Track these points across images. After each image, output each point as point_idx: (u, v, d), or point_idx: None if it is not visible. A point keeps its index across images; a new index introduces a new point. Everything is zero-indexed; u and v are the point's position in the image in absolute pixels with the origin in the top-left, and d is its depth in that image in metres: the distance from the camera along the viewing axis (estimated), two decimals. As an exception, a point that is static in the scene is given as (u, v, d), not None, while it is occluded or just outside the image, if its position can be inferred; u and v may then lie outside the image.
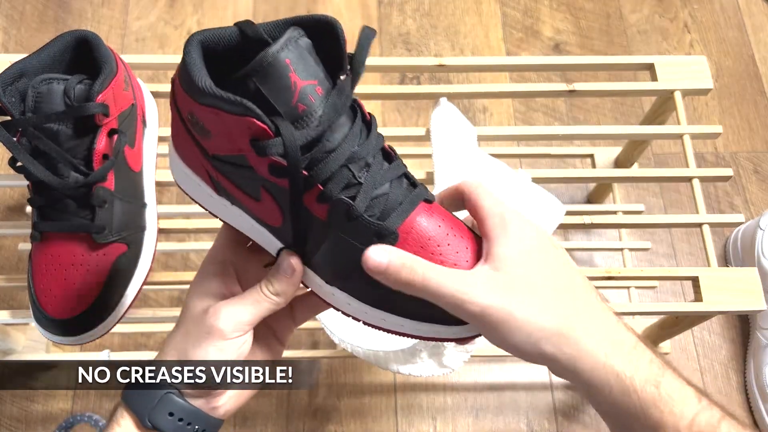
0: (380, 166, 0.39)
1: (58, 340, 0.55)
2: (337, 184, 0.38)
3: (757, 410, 0.88)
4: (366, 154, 0.39)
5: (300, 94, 0.36)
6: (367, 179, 0.39)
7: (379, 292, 0.40)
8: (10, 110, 0.49)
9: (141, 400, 0.41)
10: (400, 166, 0.40)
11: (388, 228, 0.39)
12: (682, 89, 0.71)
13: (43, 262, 0.54)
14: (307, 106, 0.36)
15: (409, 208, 0.40)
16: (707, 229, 0.65)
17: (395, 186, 0.40)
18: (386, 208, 0.39)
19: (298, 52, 0.36)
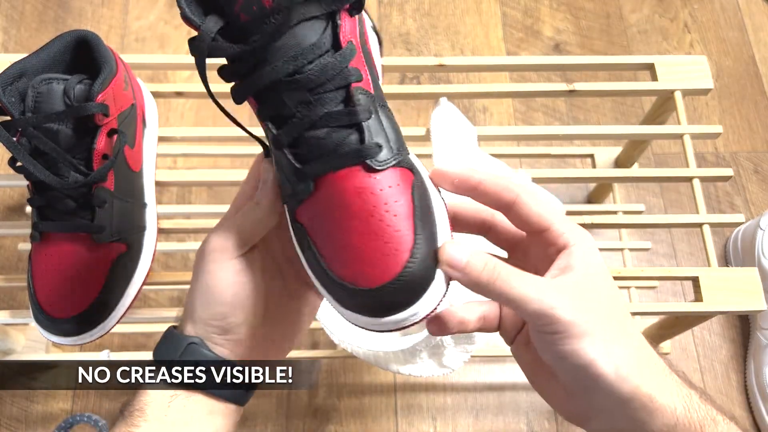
0: (326, 106, 0.35)
1: (58, 340, 0.55)
2: (267, 109, 0.36)
3: (757, 410, 0.88)
4: (308, 86, 0.35)
5: (244, 1, 0.33)
6: (302, 113, 0.35)
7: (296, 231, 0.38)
8: (10, 110, 0.49)
9: (166, 352, 0.40)
10: (355, 113, 0.35)
11: (304, 172, 0.36)
12: (683, 89, 0.71)
13: (43, 262, 0.54)
14: (250, 18, 0.34)
15: (337, 163, 0.35)
16: (707, 229, 0.65)
17: (336, 134, 0.35)
18: (313, 152, 0.35)
19: None
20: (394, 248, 0.34)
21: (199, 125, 1.05)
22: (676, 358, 0.93)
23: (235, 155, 0.74)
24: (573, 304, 0.34)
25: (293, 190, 0.37)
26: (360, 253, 0.35)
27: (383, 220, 0.35)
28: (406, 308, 0.34)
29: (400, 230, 0.35)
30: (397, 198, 0.35)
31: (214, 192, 1.01)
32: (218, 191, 1.01)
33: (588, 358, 0.34)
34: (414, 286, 0.34)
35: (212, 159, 0.99)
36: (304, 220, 0.37)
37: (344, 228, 0.35)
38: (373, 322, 0.35)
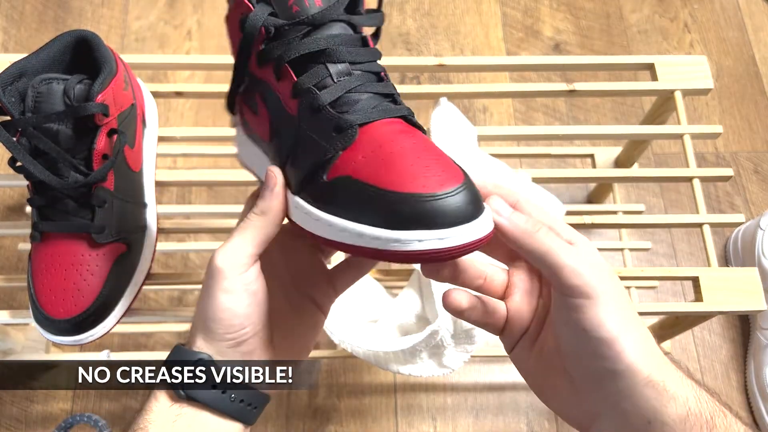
0: (364, 78, 0.39)
1: (58, 340, 0.55)
2: (309, 78, 0.39)
3: (757, 410, 0.88)
4: (349, 59, 0.39)
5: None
6: (342, 82, 0.39)
7: (325, 189, 0.38)
8: (10, 110, 0.49)
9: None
10: (389, 86, 0.40)
11: (348, 121, 0.37)
12: (683, 89, 0.71)
13: (43, 262, 0.54)
14: (300, 9, 0.38)
15: (380, 115, 0.38)
16: (707, 229, 0.65)
17: (375, 98, 0.39)
18: (355, 108, 0.38)
19: None
20: (451, 168, 0.36)
21: (199, 125, 1.05)
22: (676, 358, 0.92)
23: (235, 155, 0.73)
24: (601, 276, 0.35)
25: (329, 147, 0.38)
26: (423, 171, 0.35)
27: (434, 152, 0.37)
28: (469, 221, 0.34)
29: (450, 161, 0.37)
30: (436, 147, 0.38)
31: (214, 192, 1.01)
32: (218, 191, 1.01)
33: (613, 332, 0.35)
34: (475, 196, 0.35)
35: (212, 159, 0.99)
36: (345, 169, 0.37)
37: (402, 156, 0.36)
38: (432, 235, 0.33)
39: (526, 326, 0.41)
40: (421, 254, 0.33)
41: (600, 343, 0.35)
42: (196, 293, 0.94)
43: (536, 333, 0.40)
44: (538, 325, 0.40)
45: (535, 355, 0.40)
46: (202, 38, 1.13)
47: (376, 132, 0.37)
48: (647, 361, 0.35)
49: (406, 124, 0.39)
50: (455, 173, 0.35)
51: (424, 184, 0.34)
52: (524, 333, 0.41)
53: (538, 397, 0.41)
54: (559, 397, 0.39)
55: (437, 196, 0.33)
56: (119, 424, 0.87)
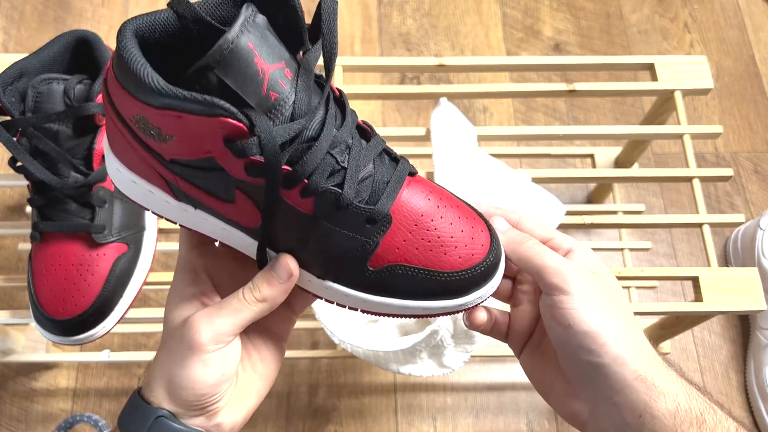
0: (360, 146, 0.37)
1: (58, 340, 0.55)
2: (321, 175, 0.35)
3: (757, 410, 0.88)
4: (346, 136, 0.36)
5: (270, 80, 0.32)
6: (350, 163, 0.36)
7: (374, 278, 0.38)
8: (10, 110, 0.49)
9: (132, 422, 0.38)
10: (379, 142, 0.38)
11: (380, 212, 0.37)
12: (683, 89, 0.71)
13: (43, 262, 0.54)
14: (279, 94, 0.33)
15: (397, 186, 0.38)
16: (707, 229, 0.65)
17: (378, 164, 0.38)
18: (374, 190, 0.37)
19: (258, 32, 0.32)
20: (474, 219, 0.40)
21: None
22: (676, 358, 0.93)
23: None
24: (585, 277, 0.38)
25: (368, 238, 0.38)
26: (461, 237, 0.39)
27: (461, 206, 0.40)
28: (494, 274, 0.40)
29: (477, 214, 0.41)
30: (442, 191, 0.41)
31: (214, 192, 1.01)
32: (218, 191, 1.01)
33: (594, 326, 0.37)
34: (497, 253, 0.40)
35: (212, 159, 0.99)
36: (390, 256, 0.38)
37: (440, 227, 0.39)
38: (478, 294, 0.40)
39: (529, 332, 0.43)
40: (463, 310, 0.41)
41: (584, 336, 0.37)
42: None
43: (540, 338, 0.42)
44: (541, 330, 0.42)
45: (538, 358, 0.42)
46: (202, 38, 1.13)
47: (405, 209, 0.38)
48: (635, 355, 0.37)
49: (414, 180, 0.39)
50: (481, 234, 0.39)
51: (465, 260, 0.39)
52: (528, 339, 0.43)
53: (544, 399, 0.42)
54: (557, 395, 0.41)
55: (475, 269, 0.39)
56: (119, 424, 0.87)
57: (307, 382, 0.90)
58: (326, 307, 0.63)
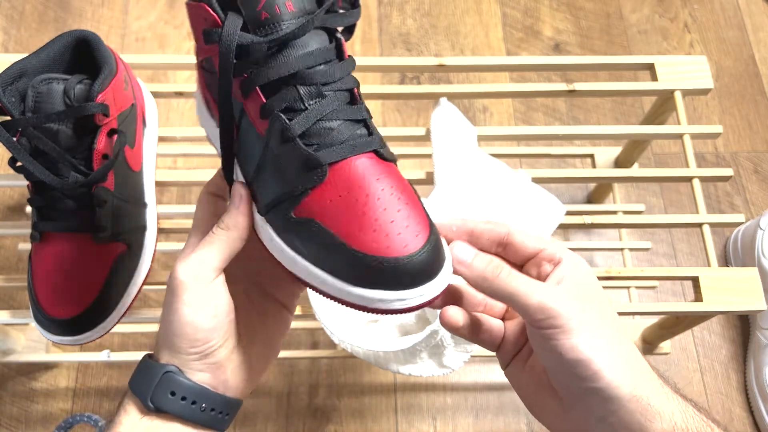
0: (336, 102, 0.37)
1: (58, 340, 0.55)
2: (279, 101, 0.37)
3: (757, 410, 0.88)
4: (322, 81, 0.37)
5: (266, 1, 0.35)
6: (313, 107, 0.37)
7: (292, 226, 0.37)
8: (10, 110, 0.49)
9: (141, 382, 0.39)
10: (361, 110, 0.38)
11: (317, 160, 0.37)
12: (682, 89, 0.71)
13: (43, 262, 0.54)
14: (270, 16, 0.36)
15: (349, 150, 0.37)
16: (707, 229, 0.65)
17: (347, 126, 0.38)
18: (325, 142, 0.37)
19: None
20: (417, 222, 0.36)
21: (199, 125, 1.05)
22: (676, 358, 0.93)
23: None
24: (572, 303, 0.36)
25: (298, 183, 0.37)
26: (388, 227, 0.36)
27: (401, 199, 0.37)
28: (429, 279, 0.36)
29: (418, 208, 0.37)
30: (406, 186, 0.38)
31: (214, 192, 1.01)
32: (218, 191, 1.01)
33: (585, 354, 0.35)
34: (434, 259, 0.36)
35: (212, 159, 0.98)
36: (312, 211, 0.37)
37: (368, 206, 0.36)
38: (393, 296, 0.35)
39: (520, 346, 0.42)
40: (383, 311, 0.36)
41: (577, 364, 0.36)
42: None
43: (528, 353, 0.42)
44: (530, 345, 0.41)
45: (527, 373, 0.41)
46: (202, 38, 1.13)
47: (346, 172, 0.37)
48: (629, 377, 0.36)
49: (378, 160, 0.38)
50: (420, 228, 0.36)
51: (388, 245, 0.35)
52: (518, 352, 0.42)
53: (530, 413, 0.42)
54: (549, 413, 0.40)
55: (400, 261, 0.35)
56: (119, 424, 0.87)
57: (307, 382, 0.90)
58: (326, 307, 0.63)
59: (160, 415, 0.39)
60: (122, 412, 0.40)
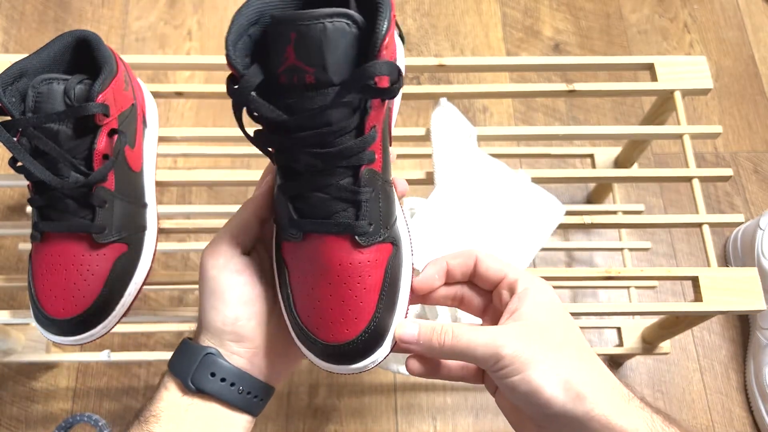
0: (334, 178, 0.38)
1: (59, 340, 0.55)
2: (282, 158, 0.39)
3: (756, 410, 0.88)
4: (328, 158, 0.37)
5: (287, 68, 0.35)
6: (309, 178, 0.38)
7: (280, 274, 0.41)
8: (11, 110, 0.49)
9: (182, 362, 0.41)
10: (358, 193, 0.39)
11: (297, 224, 0.39)
12: (682, 89, 0.71)
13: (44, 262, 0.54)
14: (287, 83, 0.35)
15: (330, 229, 0.39)
16: (707, 229, 0.65)
17: (336, 203, 0.39)
18: (311, 212, 0.39)
19: (315, 33, 0.34)
20: (354, 317, 0.39)
21: (199, 125, 1.06)
22: (676, 358, 0.93)
23: (235, 155, 0.74)
24: (518, 340, 0.38)
25: (284, 230, 0.40)
26: (326, 312, 0.39)
27: (353, 290, 0.39)
28: (355, 361, 0.40)
29: (364, 302, 0.39)
30: (371, 272, 0.40)
31: (214, 192, 1.01)
32: (218, 191, 1.01)
33: (534, 384, 0.37)
34: (365, 348, 0.39)
35: (212, 159, 0.99)
36: (287, 257, 0.41)
37: (318, 286, 0.40)
38: (327, 366, 0.40)
39: None
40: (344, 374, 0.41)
41: (529, 395, 0.37)
42: (197, 293, 0.94)
43: None
44: None
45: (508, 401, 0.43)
46: (202, 38, 1.13)
47: (316, 246, 0.39)
48: (588, 395, 0.37)
49: (351, 246, 0.39)
50: (354, 327, 0.39)
51: (323, 331, 0.39)
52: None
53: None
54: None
55: (328, 345, 0.39)
56: (119, 424, 0.87)
57: (307, 382, 0.90)
58: None
59: (200, 394, 0.41)
60: (162, 390, 0.42)
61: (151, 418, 0.40)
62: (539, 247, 0.65)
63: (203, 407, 0.41)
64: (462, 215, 0.63)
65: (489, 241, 0.63)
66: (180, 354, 0.42)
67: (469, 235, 0.63)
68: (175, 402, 0.41)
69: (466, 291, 0.44)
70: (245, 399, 0.42)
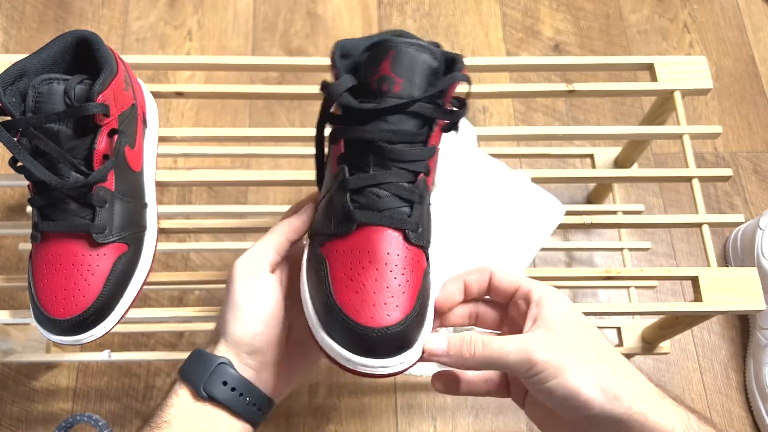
0: (395, 177, 0.42)
1: (59, 340, 0.55)
2: (351, 156, 0.43)
3: (756, 410, 0.89)
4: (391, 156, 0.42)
5: (380, 77, 0.42)
6: (373, 174, 0.42)
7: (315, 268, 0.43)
8: (11, 110, 0.49)
9: (196, 370, 0.43)
10: (414, 193, 0.42)
11: (352, 215, 0.42)
12: (682, 89, 0.71)
13: (44, 262, 0.54)
14: (377, 89, 0.42)
15: (384, 221, 0.42)
16: (707, 229, 0.65)
17: (393, 200, 0.42)
18: (368, 204, 0.42)
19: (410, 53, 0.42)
20: (396, 304, 0.40)
21: (200, 125, 1.06)
22: (676, 358, 0.93)
23: (235, 155, 0.74)
24: (548, 345, 0.39)
25: (333, 226, 0.43)
26: (370, 295, 0.40)
27: (397, 278, 0.41)
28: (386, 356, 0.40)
29: (406, 292, 0.41)
30: (413, 270, 0.42)
31: (214, 192, 1.01)
32: (218, 191, 1.01)
33: (572, 387, 0.37)
34: (401, 339, 0.40)
35: (212, 159, 0.99)
36: (329, 254, 0.43)
37: (366, 270, 0.41)
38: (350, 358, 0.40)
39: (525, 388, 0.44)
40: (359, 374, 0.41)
41: (567, 399, 0.38)
42: (197, 293, 0.94)
43: None
44: None
45: (539, 408, 0.44)
46: (202, 39, 1.13)
47: (367, 236, 0.42)
48: (623, 395, 0.38)
49: (402, 239, 0.42)
50: (402, 303, 0.40)
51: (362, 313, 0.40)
52: (526, 392, 0.45)
53: None
54: None
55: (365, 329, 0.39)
56: (120, 423, 0.87)
57: (307, 382, 0.90)
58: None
59: (210, 401, 0.43)
60: (173, 396, 0.43)
61: (163, 424, 0.42)
62: (539, 247, 0.65)
63: (211, 414, 0.43)
64: (462, 216, 0.63)
65: (489, 242, 0.63)
66: (193, 361, 0.44)
67: (469, 236, 0.63)
68: (187, 407, 0.42)
69: (481, 307, 0.45)
70: (251, 410, 0.44)
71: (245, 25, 1.14)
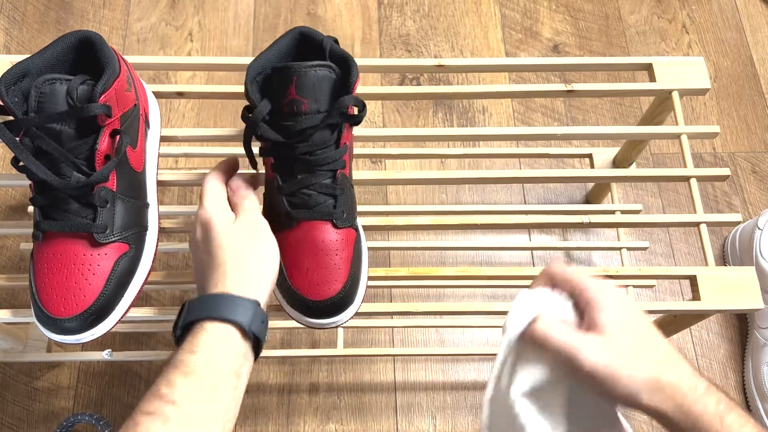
0: (319, 178, 0.53)
1: (60, 339, 0.55)
2: (279, 167, 0.54)
3: (755, 409, 0.89)
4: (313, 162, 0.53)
5: (290, 100, 0.51)
6: (301, 179, 0.53)
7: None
8: (13, 110, 0.50)
9: (234, 312, 0.47)
10: (335, 188, 0.54)
11: (291, 215, 0.54)
12: (680, 89, 0.71)
13: (45, 261, 0.55)
14: (289, 111, 0.51)
15: (315, 216, 0.53)
16: (705, 228, 0.65)
17: (320, 197, 0.53)
18: (301, 203, 0.53)
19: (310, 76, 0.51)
20: (335, 279, 0.54)
21: (201, 126, 1.06)
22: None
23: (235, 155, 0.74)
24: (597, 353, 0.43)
25: (279, 224, 0.54)
26: (313, 276, 0.54)
27: (332, 260, 0.54)
28: (331, 317, 0.54)
29: (341, 268, 0.54)
30: (345, 247, 0.55)
31: (214, 192, 1.01)
32: (219, 191, 1.01)
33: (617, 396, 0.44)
34: (341, 304, 0.54)
35: (213, 159, 0.99)
36: (281, 243, 0.53)
37: (308, 257, 0.54)
38: (308, 321, 0.55)
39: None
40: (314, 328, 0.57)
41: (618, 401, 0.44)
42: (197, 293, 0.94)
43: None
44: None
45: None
46: (203, 39, 1.13)
47: (305, 230, 0.54)
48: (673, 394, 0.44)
49: (332, 227, 0.54)
50: (338, 279, 0.54)
51: (309, 291, 0.54)
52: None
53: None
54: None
55: (313, 302, 0.54)
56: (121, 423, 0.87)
57: (307, 381, 0.90)
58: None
59: (243, 334, 0.47)
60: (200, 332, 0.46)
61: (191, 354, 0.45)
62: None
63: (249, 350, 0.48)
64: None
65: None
66: (229, 305, 0.47)
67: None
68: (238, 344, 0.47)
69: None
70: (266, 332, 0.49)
71: (246, 25, 1.14)
